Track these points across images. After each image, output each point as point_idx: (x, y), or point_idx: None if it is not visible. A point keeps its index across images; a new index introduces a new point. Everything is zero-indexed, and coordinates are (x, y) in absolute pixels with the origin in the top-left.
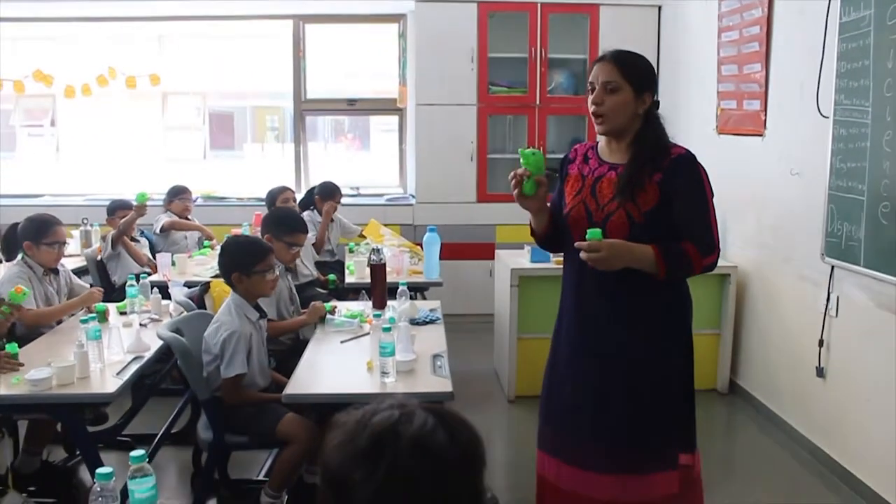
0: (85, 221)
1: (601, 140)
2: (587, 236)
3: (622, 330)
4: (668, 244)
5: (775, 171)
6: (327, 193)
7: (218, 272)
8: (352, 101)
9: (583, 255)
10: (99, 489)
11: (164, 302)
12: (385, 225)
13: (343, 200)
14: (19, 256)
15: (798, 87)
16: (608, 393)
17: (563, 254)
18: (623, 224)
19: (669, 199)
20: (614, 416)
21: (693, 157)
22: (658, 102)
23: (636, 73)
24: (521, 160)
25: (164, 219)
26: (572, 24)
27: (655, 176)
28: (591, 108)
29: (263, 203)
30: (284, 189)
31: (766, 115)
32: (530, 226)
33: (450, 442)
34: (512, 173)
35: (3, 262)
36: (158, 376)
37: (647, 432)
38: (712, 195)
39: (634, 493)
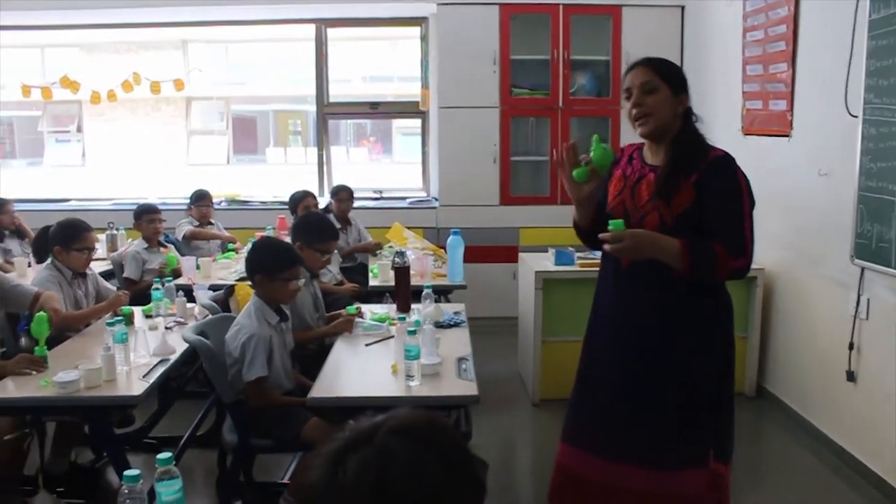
0: (111, 225)
1: (646, 142)
2: (609, 227)
3: (658, 331)
4: (696, 239)
5: (803, 171)
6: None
7: (242, 276)
8: (374, 105)
9: (607, 246)
10: (126, 491)
11: (189, 305)
12: (408, 228)
13: (366, 203)
14: (49, 260)
15: (826, 86)
16: (642, 393)
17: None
18: (655, 226)
19: (703, 201)
20: (648, 416)
21: (731, 159)
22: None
23: (671, 74)
24: (592, 147)
25: (186, 227)
26: (594, 26)
27: (692, 177)
28: (633, 112)
29: (287, 207)
30: (307, 194)
31: (792, 115)
32: (573, 217)
33: (439, 456)
34: (568, 144)
35: (34, 264)
36: (184, 379)
37: (681, 433)
38: (751, 203)
39: (664, 488)
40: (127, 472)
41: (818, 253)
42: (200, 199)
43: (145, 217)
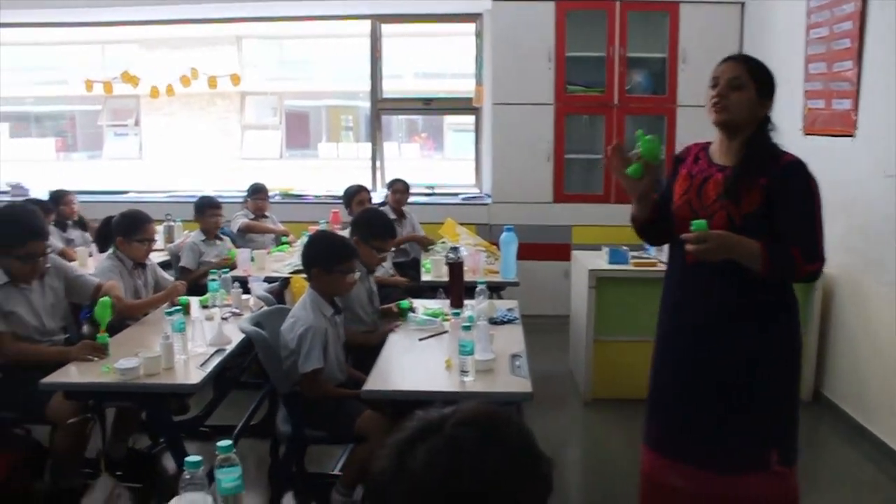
0: (168, 217)
1: (714, 142)
2: (692, 227)
3: (724, 329)
4: (774, 243)
5: (867, 172)
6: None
7: (296, 268)
8: (428, 101)
9: (689, 246)
10: (188, 476)
11: (245, 296)
12: (460, 224)
13: (419, 199)
14: (111, 250)
15: (894, 84)
16: (706, 391)
17: (668, 252)
18: (723, 226)
19: (772, 205)
20: (710, 416)
21: (804, 164)
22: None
23: (762, 77)
24: (638, 141)
25: (242, 219)
26: (651, 23)
27: (762, 180)
28: (713, 101)
29: (340, 201)
30: (361, 189)
31: (857, 114)
32: (632, 211)
33: (506, 449)
34: (612, 146)
35: (95, 253)
36: (239, 369)
37: (743, 433)
38: (821, 206)
39: (725, 490)
40: (189, 459)
41: (882, 257)
42: (257, 193)
43: (209, 211)
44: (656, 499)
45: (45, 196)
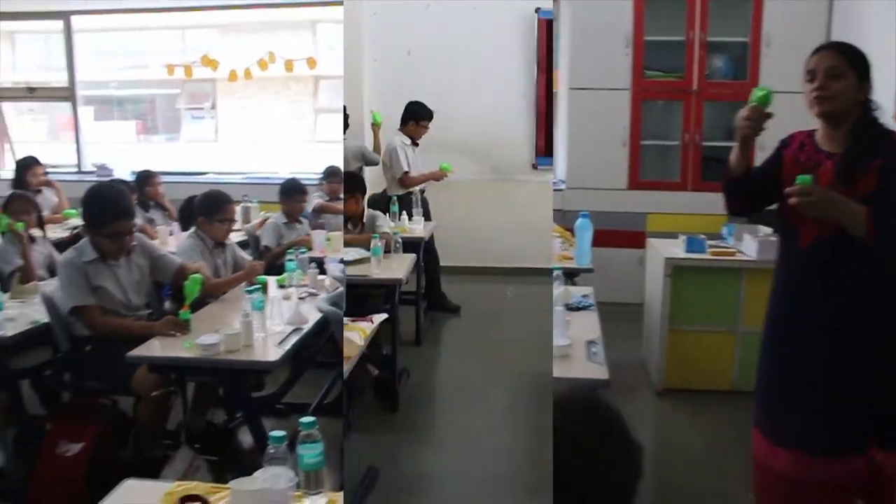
0: (245, 198)
1: (819, 128)
2: (797, 181)
3: (836, 310)
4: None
5: None
6: None
7: None
8: None
9: (793, 200)
10: (272, 451)
11: (320, 277)
12: None
13: None
14: (192, 229)
15: None
16: (812, 373)
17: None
18: None
19: (888, 185)
20: (815, 397)
21: None
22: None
23: (859, 61)
24: (754, 93)
25: (317, 200)
26: (733, 5)
27: (875, 162)
28: (813, 95)
29: None
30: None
31: None
32: (729, 159)
33: (595, 432)
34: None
35: (176, 232)
36: (315, 348)
37: (838, 413)
38: None
39: (830, 476)
40: (273, 433)
41: None
42: (332, 176)
43: (296, 196)
44: (766, 485)
45: (126, 176)
